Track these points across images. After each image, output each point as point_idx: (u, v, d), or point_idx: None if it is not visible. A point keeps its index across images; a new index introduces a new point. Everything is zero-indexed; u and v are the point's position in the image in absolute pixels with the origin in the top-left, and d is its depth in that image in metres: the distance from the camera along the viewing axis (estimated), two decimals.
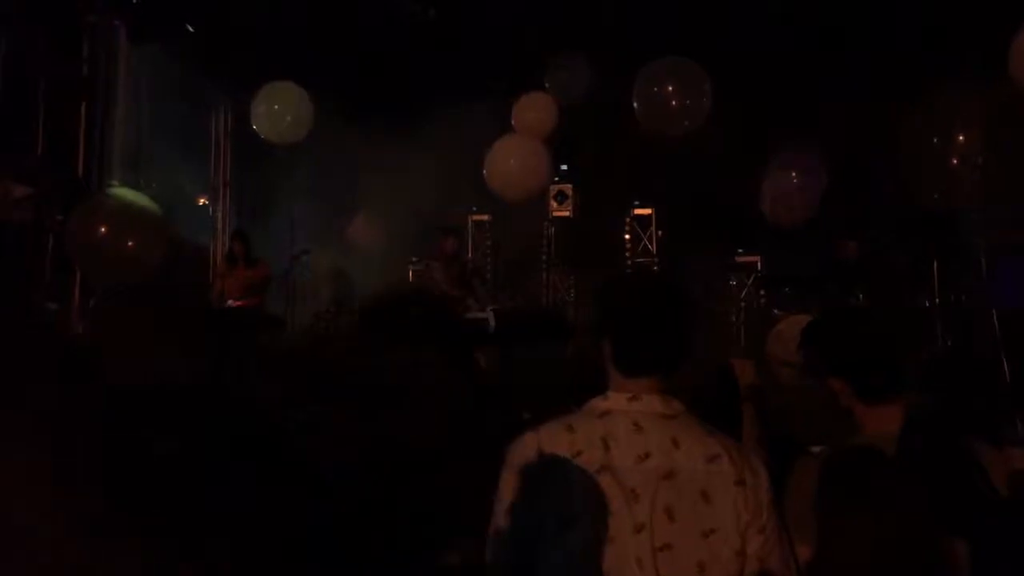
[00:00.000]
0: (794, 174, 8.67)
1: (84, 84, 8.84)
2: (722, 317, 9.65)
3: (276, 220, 10.42)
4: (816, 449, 2.23)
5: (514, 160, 8.64)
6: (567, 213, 10.89)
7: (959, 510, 1.88)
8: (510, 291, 9.95)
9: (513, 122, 9.36)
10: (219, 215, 11.44)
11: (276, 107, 9.00)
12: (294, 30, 9.56)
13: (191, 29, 9.75)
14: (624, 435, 1.77)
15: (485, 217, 11.17)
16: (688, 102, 7.99)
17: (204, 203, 11.43)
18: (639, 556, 1.70)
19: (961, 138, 6.08)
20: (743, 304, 9.59)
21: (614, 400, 1.82)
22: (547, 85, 9.65)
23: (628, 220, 10.96)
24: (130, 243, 6.78)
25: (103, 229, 6.80)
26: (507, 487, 1.81)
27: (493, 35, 9.57)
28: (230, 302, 8.47)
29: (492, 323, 7.86)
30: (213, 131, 11.55)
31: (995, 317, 6.92)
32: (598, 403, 1.84)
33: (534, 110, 9.27)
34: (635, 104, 8.15)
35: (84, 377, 2.33)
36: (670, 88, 8.03)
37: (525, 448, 1.82)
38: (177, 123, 10.46)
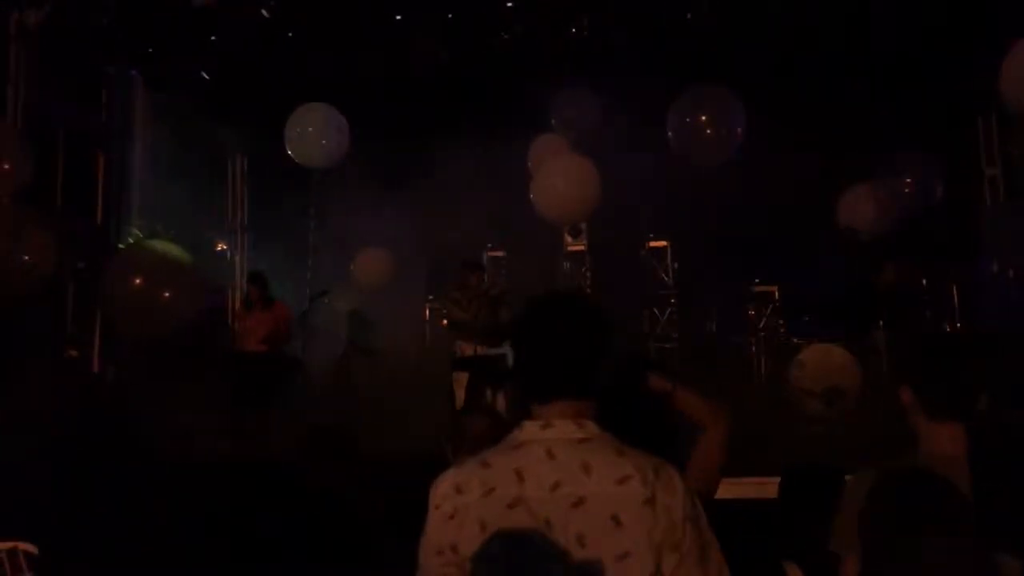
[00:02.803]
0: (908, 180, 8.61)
1: (102, 133, 8.97)
2: (741, 348, 9.62)
3: (294, 261, 10.50)
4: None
5: (562, 181, 8.63)
6: (582, 247, 10.90)
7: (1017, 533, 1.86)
8: None
9: (529, 165, 9.43)
10: (237, 259, 11.52)
11: (310, 130, 9.01)
12: (308, 75, 9.69)
13: (206, 76, 9.89)
14: (536, 465, 1.75)
15: (500, 253, 11.19)
16: (722, 131, 7.98)
17: (223, 248, 11.52)
18: None
19: None
20: (762, 334, 9.54)
21: (528, 430, 1.81)
22: (553, 122, 9.70)
23: (643, 253, 10.96)
24: (166, 294, 6.82)
25: (138, 281, 6.83)
26: (429, 526, 1.82)
27: (504, 75, 9.67)
28: (250, 346, 8.49)
29: (510, 359, 7.81)
30: (229, 175, 11.67)
31: None
32: (516, 434, 1.82)
33: (548, 152, 9.31)
34: (669, 134, 8.13)
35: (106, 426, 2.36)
36: (703, 118, 8.03)
37: (443, 486, 1.82)
38: (193, 169, 10.59)
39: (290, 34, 9.20)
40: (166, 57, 9.55)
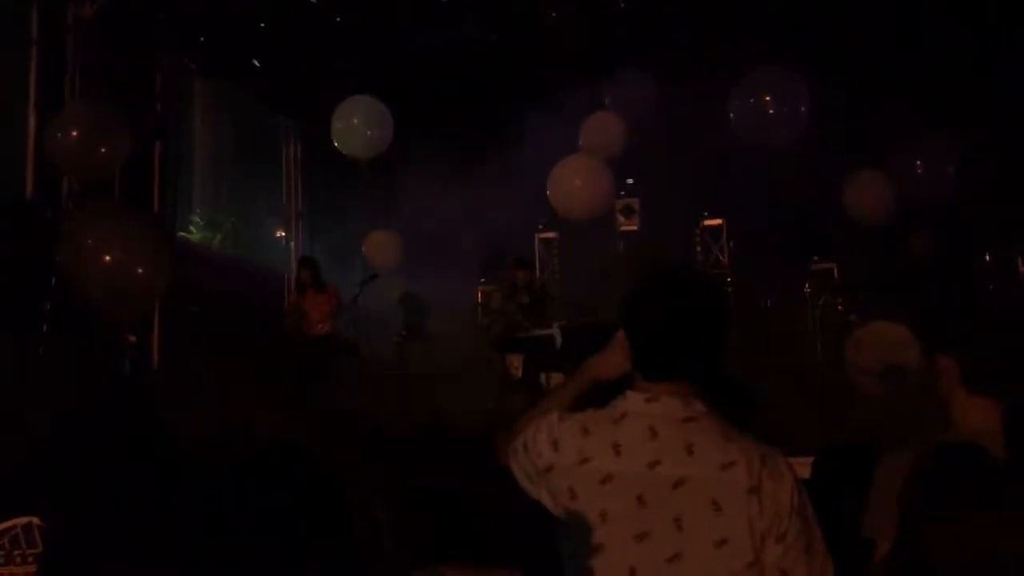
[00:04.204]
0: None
1: (158, 122, 9.11)
2: (798, 326, 9.45)
3: (347, 246, 10.59)
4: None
5: (578, 179, 8.60)
6: (634, 227, 10.80)
7: None
8: (578, 307, 9.93)
9: (581, 143, 9.35)
10: (293, 245, 11.68)
11: (355, 121, 9.07)
12: (358, 58, 9.72)
13: (258, 64, 9.98)
14: (637, 441, 1.72)
15: (552, 234, 11.15)
16: (786, 111, 7.82)
17: (281, 234, 11.69)
18: (635, 565, 1.66)
19: None
20: (819, 312, 9.35)
21: (631, 401, 1.78)
22: (606, 102, 9.59)
23: (698, 232, 10.81)
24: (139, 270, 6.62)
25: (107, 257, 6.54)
26: (517, 460, 1.85)
27: (555, 54, 9.57)
28: (305, 330, 8.61)
29: (559, 340, 7.80)
30: (284, 162, 11.81)
31: None
32: (618, 404, 1.79)
33: (601, 131, 9.23)
34: (731, 115, 8.01)
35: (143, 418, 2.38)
36: (768, 98, 7.88)
37: (540, 438, 1.82)
38: (249, 156, 10.73)
39: (338, 19, 9.22)
40: (219, 45, 9.65)
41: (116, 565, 1.87)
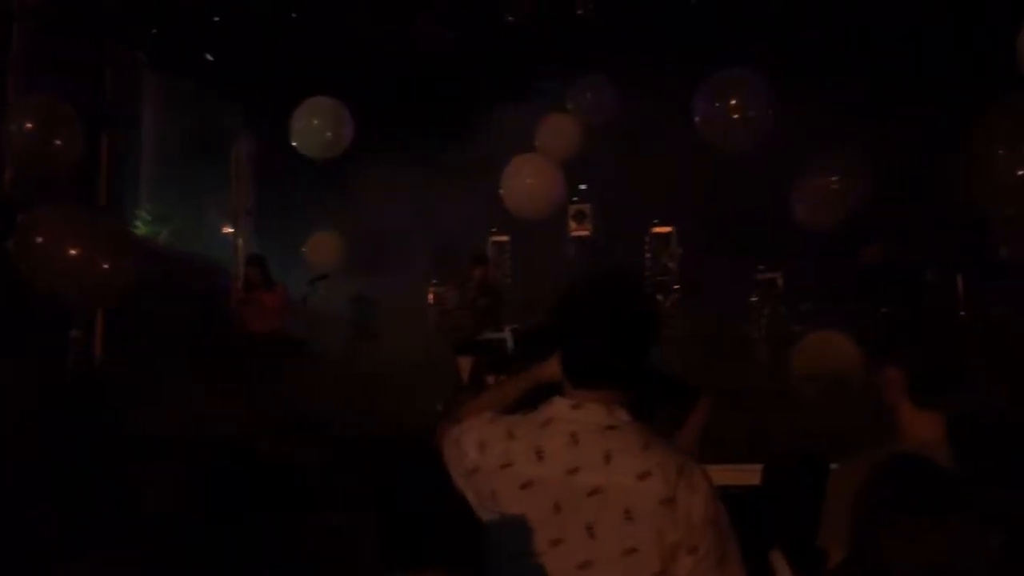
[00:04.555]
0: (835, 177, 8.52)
1: (106, 115, 8.94)
2: (744, 335, 9.60)
3: (297, 245, 10.50)
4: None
5: (530, 179, 8.60)
6: (587, 232, 10.89)
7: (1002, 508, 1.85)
8: (530, 311, 9.96)
9: (536, 144, 9.37)
10: (241, 242, 11.52)
11: (315, 122, 8.98)
12: (311, 55, 9.65)
13: (210, 58, 9.85)
14: (558, 447, 1.72)
15: (505, 238, 11.18)
16: (751, 114, 7.81)
17: (230, 231, 11.53)
18: (549, 571, 1.67)
19: None
20: (763, 321, 9.52)
21: (557, 407, 1.78)
22: (569, 107, 9.63)
23: (648, 238, 10.93)
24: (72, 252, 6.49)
25: (40, 238, 6.39)
26: (450, 452, 1.88)
27: (514, 56, 9.60)
28: (252, 328, 8.52)
29: (511, 344, 7.82)
30: (234, 159, 11.65)
31: None
32: (545, 409, 1.80)
33: (557, 132, 9.27)
34: (696, 119, 8.04)
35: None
36: (733, 101, 7.86)
37: (470, 438, 1.84)
38: (200, 151, 10.57)
39: (293, 15, 9.15)
40: (170, 39, 9.51)
41: (63, 563, 1.84)
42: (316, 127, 8.91)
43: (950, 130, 6.28)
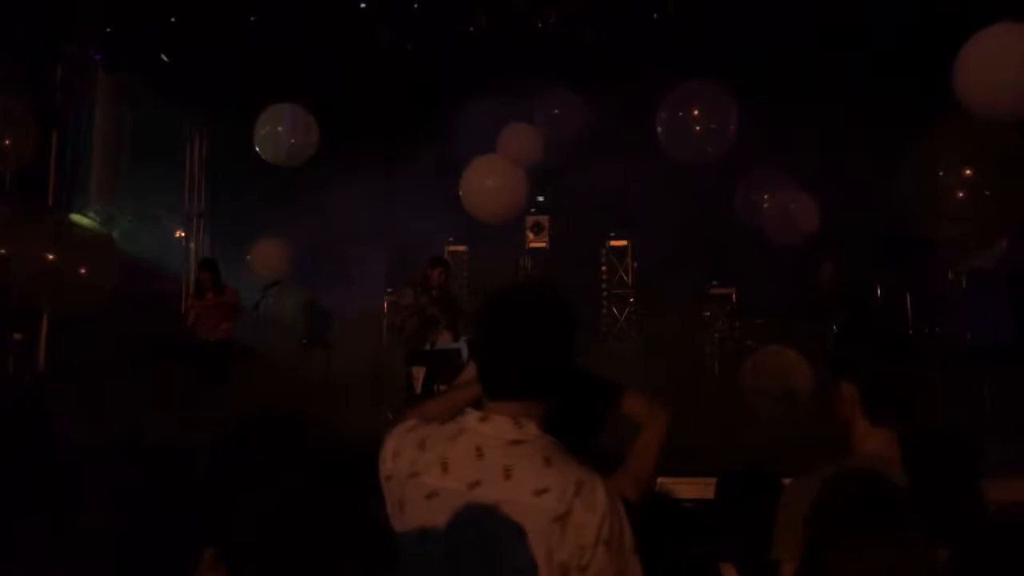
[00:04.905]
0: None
1: (56, 113, 8.78)
2: (697, 349, 9.67)
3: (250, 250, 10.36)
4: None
5: (491, 180, 8.45)
6: (543, 244, 10.90)
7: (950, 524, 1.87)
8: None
9: (498, 151, 9.34)
10: (193, 246, 11.36)
11: (280, 129, 8.88)
12: (270, 60, 9.55)
13: (166, 59, 9.72)
14: (463, 460, 1.70)
15: (462, 248, 11.14)
16: (713, 127, 7.80)
17: (181, 235, 11.36)
18: None
19: (969, 171, 6.01)
20: (717, 336, 9.60)
21: (469, 418, 1.76)
22: (536, 121, 9.58)
23: (604, 252, 10.98)
24: (81, 270, 6.59)
25: (51, 256, 6.59)
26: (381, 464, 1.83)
27: (474, 65, 9.58)
28: (200, 334, 8.40)
29: (466, 354, 7.79)
30: (188, 161, 11.49)
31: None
32: (458, 420, 1.78)
33: (519, 140, 9.22)
34: (658, 129, 8.04)
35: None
36: (696, 113, 7.84)
37: (389, 444, 1.82)
38: (153, 153, 10.41)
39: (252, 18, 9.06)
40: (125, 38, 9.36)
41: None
42: (280, 134, 8.78)
43: (900, 151, 6.40)
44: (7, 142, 6.73)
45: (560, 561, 1.60)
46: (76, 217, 7.74)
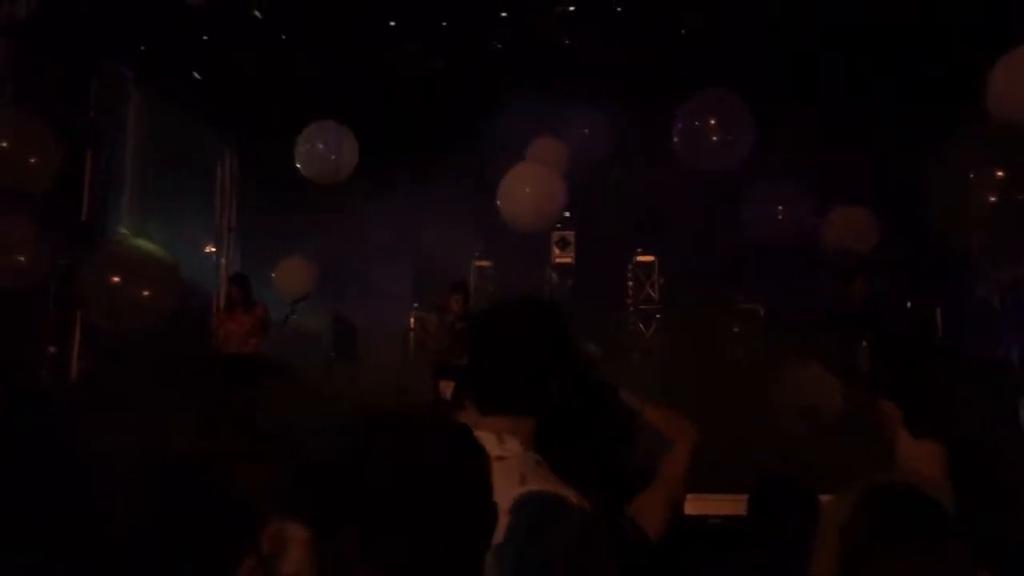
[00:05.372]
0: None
1: (91, 130, 8.90)
2: (724, 365, 9.60)
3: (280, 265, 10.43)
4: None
5: (528, 187, 8.38)
6: (569, 260, 10.89)
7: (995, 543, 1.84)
8: None
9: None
10: (223, 262, 11.47)
11: (320, 146, 8.94)
12: (301, 78, 9.66)
13: (198, 76, 9.85)
14: None
15: (487, 263, 11.16)
16: (730, 138, 7.82)
17: (211, 251, 11.47)
18: None
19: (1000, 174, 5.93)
20: (745, 351, 9.53)
21: None
22: (563, 139, 9.57)
23: (630, 267, 10.95)
24: (144, 292, 6.75)
25: (116, 277, 6.77)
26: None
27: (496, 83, 9.63)
28: (230, 348, 8.45)
29: None
30: (219, 177, 11.63)
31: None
32: None
33: (546, 155, 9.22)
34: (675, 140, 8.02)
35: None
36: (712, 123, 7.86)
37: None
38: (184, 169, 10.53)
39: (283, 36, 9.16)
40: (158, 56, 9.50)
41: None
42: (321, 151, 8.84)
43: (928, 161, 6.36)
44: (32, 161, 6.82)
45: None
46: (141, 241, 7.86)
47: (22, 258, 6.70)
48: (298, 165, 8.96)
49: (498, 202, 8.41)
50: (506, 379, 1.74)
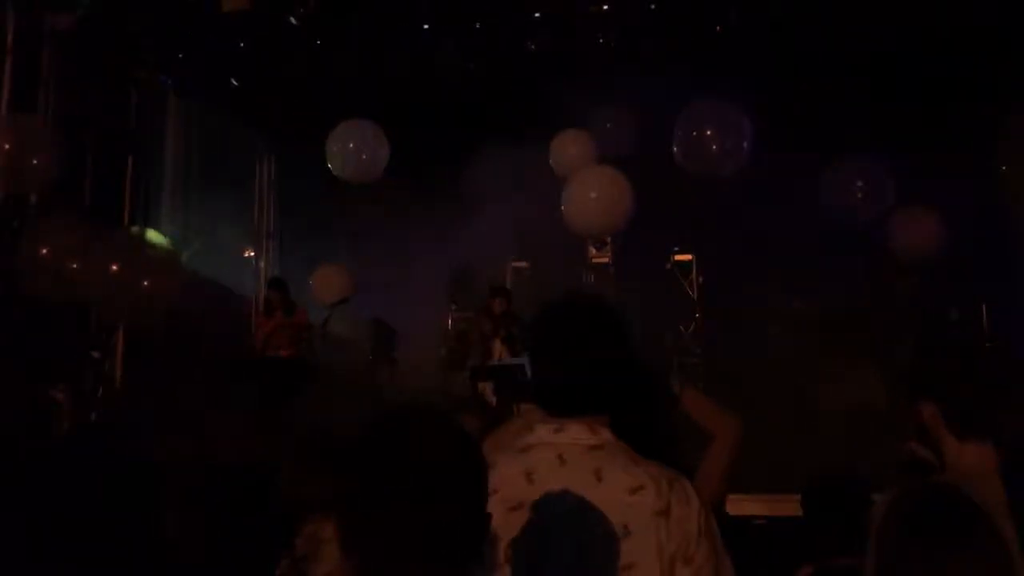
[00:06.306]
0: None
1: (131, 137, 9.03)
2: (764, 364, 9.49)
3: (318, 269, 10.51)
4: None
5: (593, 192, 8.33)
6: (606, 260, 10.81)
7: None
8: None
9: (551, 161, 9.33)
10: (262, 265, 11.58)
11: (351, 145, 9.01)
12: (336, 82, 9.72)
13: (236, 83, 9.94)
14: (547, 469, 1.71)
15: (524, 264, 11.13)
16: (727, 145, 7.85)
17: (251, 255, 11.58)
18: None
19: None
20: (786, 350, 9.40)
21: (539, 433, 1.77)
22: (592, 141, 9.55)
23: (668, 266, 10.86)
24: (144, 281, 6.75)
25: (116, 268, 6.78)
26: None
27: (531, 85, 9.62)
28: (270, 352, 8.52)
29: (529, 370, 7.76)
30: (257, 182, 11.74)
31: None
32: (526, 437, 1.78)
33: (572, 147, 9.18)
34: (675, 148, 8.02)
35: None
36: (709, 132, 7.90)
37: None
38: (223, 175, 10.65)
39: (318, 42, 9.22)
40: (196, 63, 9.61)
41: None
42: (352, 150, 8.88)
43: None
44: (32, 161, 6.89)
45: (670, 554, 1.62)
46: (150, 233, 7.93)
47: (75, 266, 6.77)
48: (330, 166, 9.01)
49: (563, 207, 8.36)
50: (582, 382, 1.76)
